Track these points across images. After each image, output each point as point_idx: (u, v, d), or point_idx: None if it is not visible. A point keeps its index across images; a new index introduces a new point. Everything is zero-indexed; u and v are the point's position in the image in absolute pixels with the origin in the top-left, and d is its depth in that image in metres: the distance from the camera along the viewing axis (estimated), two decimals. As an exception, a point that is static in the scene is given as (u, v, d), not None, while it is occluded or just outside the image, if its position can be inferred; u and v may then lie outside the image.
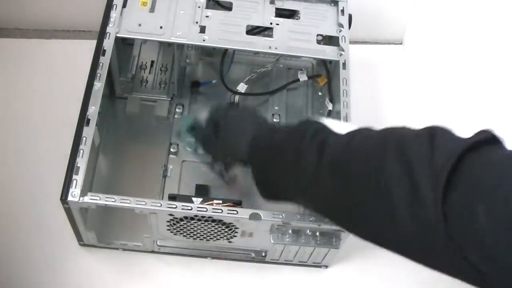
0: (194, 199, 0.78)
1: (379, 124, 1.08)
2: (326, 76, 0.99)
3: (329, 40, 0.93)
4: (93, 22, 0.94)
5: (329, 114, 0.93)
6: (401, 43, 1.22)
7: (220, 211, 0.76)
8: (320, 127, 0.66)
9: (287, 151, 0.66)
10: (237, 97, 1.00)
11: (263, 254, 0.89)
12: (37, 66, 1.07)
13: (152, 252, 0.90)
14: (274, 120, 1.01)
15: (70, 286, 0.88)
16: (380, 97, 1.13)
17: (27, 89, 1.05)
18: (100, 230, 0.88)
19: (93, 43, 0.86)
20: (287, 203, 0.71)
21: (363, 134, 0.61)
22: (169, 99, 1.00)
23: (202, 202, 0.77)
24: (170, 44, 1.03)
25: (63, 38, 1.14)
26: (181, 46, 0.95)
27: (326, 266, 0.92)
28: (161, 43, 1.03)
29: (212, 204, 0.77)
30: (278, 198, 0.71)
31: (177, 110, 0.99)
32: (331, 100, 0.94)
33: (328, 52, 0.90)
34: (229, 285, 0.91)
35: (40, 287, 0.88)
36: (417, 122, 1.10)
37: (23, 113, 1.02)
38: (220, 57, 0.97)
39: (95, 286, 0.89)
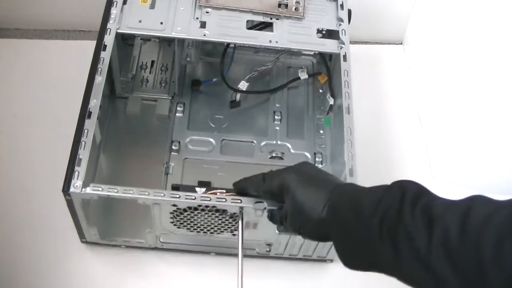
0: (197, 189, 0.77)
1: (378, 124, 1.09)
2: (327, 74, 0.99)
3: (329, 35, 0.93)
4: (93, 22, 0.94)
5: (331, 108, 0.93)
6: (401, 43, 1.22)
7: (224, 200, 0.75)
8: (420, 190, 0.56)
9: (380, 223, 0.56)
10: (238, 95, 1.00)
11: (267, 249, 0.88)
12: (37, 66, 1.07)
13: (155, 248, 0.89)
14: (276, 117, 1.01)
15: (72, 284, 0.87)
16: (380, 97, 1.13)
17: (27, 89, 1.05)
18: (102, 227, 0.87)
19: (93, 43, 0.86)
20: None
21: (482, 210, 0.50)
22: (170, 98, 1.00)
23: (205, 192, 0.77)
24: (170, 44, 1.03)
25: (63, 38, 1.15)
26: (181, 44, 0.96)
27: (332, 260, 0.91)
28: (161, 42, 1.04)
29: (215, 194, 0.76)
30: (367, 270, 0.62)
31: (178, 108, 0.99)
32: (332, 96, 0.94)
33: (328, 45, 0.90)
34: (233, 281, 0.89)
35: (42, 285, 0.87)
36: (417, 122, 1.10)
37: (23, 113, 1.02)
38: (220, 57, 0.97)
39: (97, 284, 0.88)
